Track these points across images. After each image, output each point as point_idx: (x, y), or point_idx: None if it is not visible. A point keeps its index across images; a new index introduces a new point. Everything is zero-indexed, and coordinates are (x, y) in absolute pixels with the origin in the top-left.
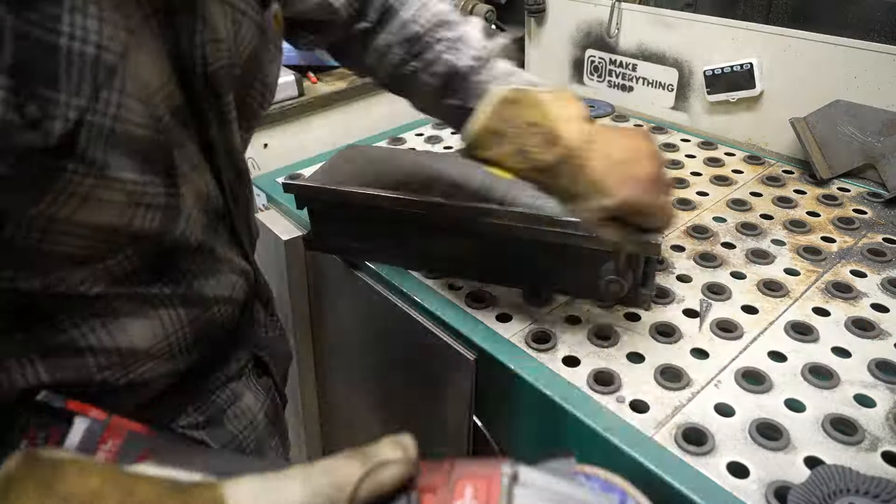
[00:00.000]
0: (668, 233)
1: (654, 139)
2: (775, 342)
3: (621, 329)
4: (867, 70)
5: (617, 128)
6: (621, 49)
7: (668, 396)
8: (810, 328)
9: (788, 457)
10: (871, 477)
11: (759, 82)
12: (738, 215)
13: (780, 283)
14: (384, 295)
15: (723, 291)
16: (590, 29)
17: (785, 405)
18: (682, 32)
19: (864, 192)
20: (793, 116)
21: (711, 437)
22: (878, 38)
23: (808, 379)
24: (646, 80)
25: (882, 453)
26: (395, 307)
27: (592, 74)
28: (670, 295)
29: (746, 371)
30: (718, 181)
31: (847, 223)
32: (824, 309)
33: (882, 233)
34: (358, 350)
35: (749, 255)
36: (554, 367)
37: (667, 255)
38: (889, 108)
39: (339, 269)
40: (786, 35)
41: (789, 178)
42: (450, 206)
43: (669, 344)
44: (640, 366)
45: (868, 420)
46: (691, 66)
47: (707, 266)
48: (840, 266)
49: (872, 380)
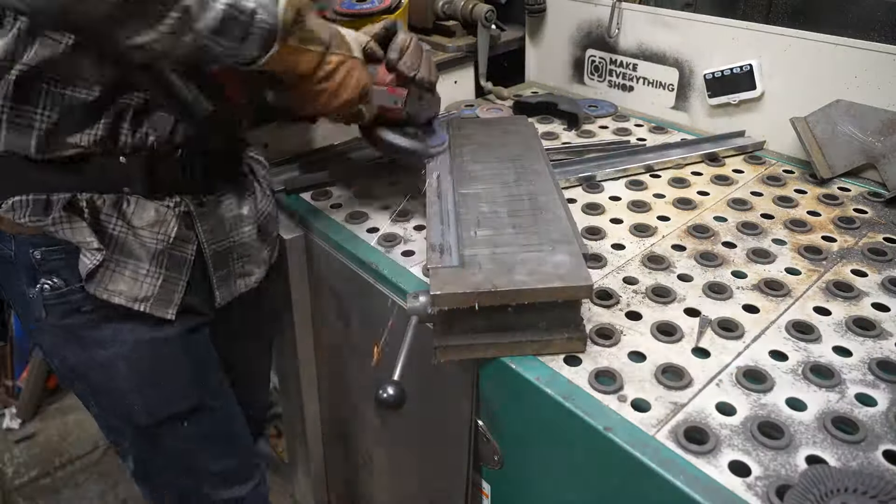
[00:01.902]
0: (669, 232)
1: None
2: (776, 341)
3: (622, 328)
4: (867, 70)
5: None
6: (622, 49)
7: (669, 395)
8: (811, 327)
9: (790, 455)
10: (860, 473)
11: (759, 83)
12: (739, 215)
13: (781, 282)
14: (384, 294)
15: (724, 291)
16: (590, 29)
17: (786, 404)
18: (682, 32)
19: (865, 192)
20: (793, 116)
21: (713, 435)
22: (878, 38)
23: (809, 378)
24: (646, 79)
25: (883, 452)
26: (396, 307)
27: (593, 74)
28: (671, 294)
29: (747, 370)
30: (719, 181)
31: (847, 223)
32: (825, 308)
33: (882, 232)
34: (358, 348)
35: (750, 254)
36: (555, 365)
37: (668, 254)
38: (889, 108)
39: (339, 269)
40: (786, 35)
41: (790, 177)
42: None
43: (671, 343)
44: (641, 365)
45: (869, 419)
46: (691, 66)
47: (708, 265)
48: (841, 265)
49: (873, 379)
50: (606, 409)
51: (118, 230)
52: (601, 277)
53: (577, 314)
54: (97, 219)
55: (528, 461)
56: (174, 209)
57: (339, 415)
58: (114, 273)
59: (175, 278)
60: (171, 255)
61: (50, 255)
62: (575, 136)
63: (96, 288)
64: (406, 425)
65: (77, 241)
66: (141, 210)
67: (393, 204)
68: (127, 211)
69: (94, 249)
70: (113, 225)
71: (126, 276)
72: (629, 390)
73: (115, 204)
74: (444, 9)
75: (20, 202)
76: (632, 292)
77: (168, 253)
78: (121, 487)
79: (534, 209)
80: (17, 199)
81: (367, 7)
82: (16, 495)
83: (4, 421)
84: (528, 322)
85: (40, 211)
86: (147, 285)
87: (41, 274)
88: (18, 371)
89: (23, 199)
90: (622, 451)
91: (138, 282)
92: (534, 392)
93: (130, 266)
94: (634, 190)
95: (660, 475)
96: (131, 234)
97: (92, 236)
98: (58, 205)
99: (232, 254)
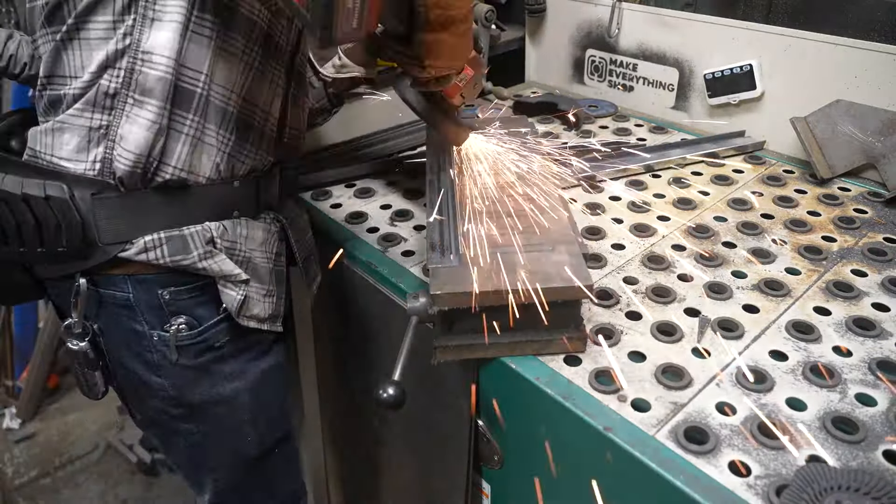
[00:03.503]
0: (669, 231)
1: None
2: (776, 341)
3: (622, 328)
4: (867, 70)
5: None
6: (622, 49)
7: (669, 395)
8: (811, 327)
9: (790, 455)
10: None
11: (759, 83)
12: (739, 215)
13: (781, 282)
14: (385, 294)
15: (724, 290)
16: (590, 29)
17: (786, 404)
18: (683, 32)
19: (865, 192)
20: (793, 116)
21: (713, 435)
22: (879, 38)
23: (809, 378)
24: (646, 79)
25: (883, 451)
26: (397, 306)
27: (593, 74)
28: (671, 294)
29: (747, 370)
30: (719, 181)
31: (847, 223)
32: (825, 308)
33: (882, 232)
34: (358, 348)
35: (750, 254)
36: (555, 365)
37: (668, 254)
38: (889, 108)
39: (339, 269)
40: (786, 35)
41: (790, 177)
42: None
43: (671, 343)
44: (641, 365)
45: (869, 418)
46: (692, 66)
47: (708, 265)
48: (841, 265)
49: (873, 378)
50: (606, 409)
51: (243, 254)
52: (601, 277)
53: (577, 314)
54: (228, 248)
55: (528, 461)
56: (273, 224)
57: (339, 415)
58: (251, 299)
59: (282, 291)
60: (276, 270)
61: (179, 294)
62: (575, 136)
63: (241, 318)
64: (406, 425)
65: (225, 273)
66: (253, 231)
67: (393, 204)
68: (243, 234)
69: (241, 281)
70: (238, 251)
71: (255, 300)
72: (629, 390)
73: (233, 230)
74: None
75: (153, 241)
76: (632, 292)
77: (275, 269)
78: (121, 487)
79: (534, 209)
80: (148, 238)
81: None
82: (16, 495)
83: (4, 421)
84: (528, 322)
85: (180, 248)
86: (268, 304)
87: (170, 314)
88: (18, 371)
89: (154, 237)
90: (622, 451)
91: (263, 303)
92: (534, 392)
93: (255, 289)
94: (634, 190)
95: (660, 475)
96: (252, 256)
97: (237, 267)
98: (197, 239)
99: (311, 258)
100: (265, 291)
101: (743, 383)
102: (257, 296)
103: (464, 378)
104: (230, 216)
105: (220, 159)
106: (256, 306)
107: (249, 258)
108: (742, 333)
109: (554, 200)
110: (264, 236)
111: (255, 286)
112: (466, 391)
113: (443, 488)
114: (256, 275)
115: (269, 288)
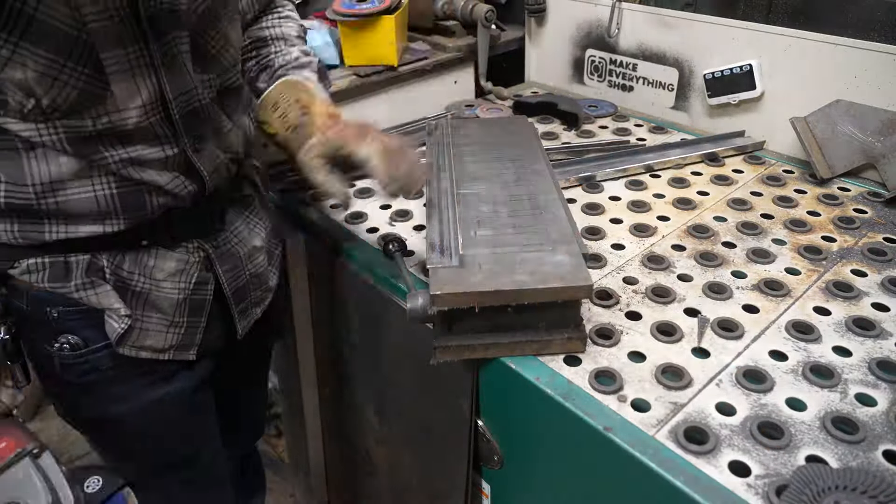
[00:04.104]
0: (669, 232)
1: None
2: (776, 341)
3: (622, 328)
4: (867, 70)
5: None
6: (621, 49)
7: (669, 395)
8: (811, 327)
9: (790, 455)
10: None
11: (759, 83)
12: (739, 215)
13: (781, 282)
14: (385, 294)
15: (723, 291)
16: (590, 29)
17: (786, 404)
18: (682, 32)
19: (865, 192)
20: (793, 116)
21: (713, 435)
22: (878, 38)
23: (809, 378)
24: (646, 79)
25: (883, 452)
26: (397, 306)
27: (593, 74)
28: (671, 294)
29: (747, 370)
30: (719, 181)
31: (847, 223)
32: (825, 308)
33: (882, 232)
34: (358, 348)
35: (750, 254)
36: (555, 365)
37: (667, 254)
38: (889, 108)
39: (339, 269)
40: (786, 35)
41: (790, 177)
42: None
43: (670, 343)
44: (641, 365)
45: (869, 419)
46: (691, 66)
47: (708, 265)
48: (841, 265)
49: (873, 379)
50: (606, 409)
51: (141, 286)
52: (601, 277)
53: (577, 314)
54: (121, 278)
55: (528, 461)
56: (194, 254)
57: (339, 415)
58: (140, 331)
59: (196, 322)
60: (192, 300)
61: (69, 314)
62: (575, 136)
63: (124, 349)
64: (406, 425)
65: (104, 307)
66: (162, 262)
67: (393, 204)
68: (149, 265)
69: (123, 315)
70: (135, 282)
71: (151, 332)
72: (629, 390)
73: (135, 260)
74: (444, 9)
75: (36, 265)
76: (632, 292)
77: (189, 300)
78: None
79: (534, 209)
80: (31, 261)
81: (367, 7)
82: None
83: None
84: (528, 322)
85: (60, 275)
86: (171, 335)
87: (57, 332)
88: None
89: (38, 261)
90: (622, 451)
91: (163, 334)
92: (534, 392)
93: (154, 320)
94: (634, 190)
95: (660, 475)
96: (155, 288)
97: (119, 302)
98: (79, 268)
99: (249, 285)
100: (168, 322)
101: (743, 383)
102: (157, 327)
103: (463, 378)
104: (136, 246)
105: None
106: (151, 338)
107: (150, 289)
108: (742, 333)
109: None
110: (178, 266)
111: (155, 317)
112: (466, 391)
113: (443, 488)
114: (151, 306)
115: (176, 319)
